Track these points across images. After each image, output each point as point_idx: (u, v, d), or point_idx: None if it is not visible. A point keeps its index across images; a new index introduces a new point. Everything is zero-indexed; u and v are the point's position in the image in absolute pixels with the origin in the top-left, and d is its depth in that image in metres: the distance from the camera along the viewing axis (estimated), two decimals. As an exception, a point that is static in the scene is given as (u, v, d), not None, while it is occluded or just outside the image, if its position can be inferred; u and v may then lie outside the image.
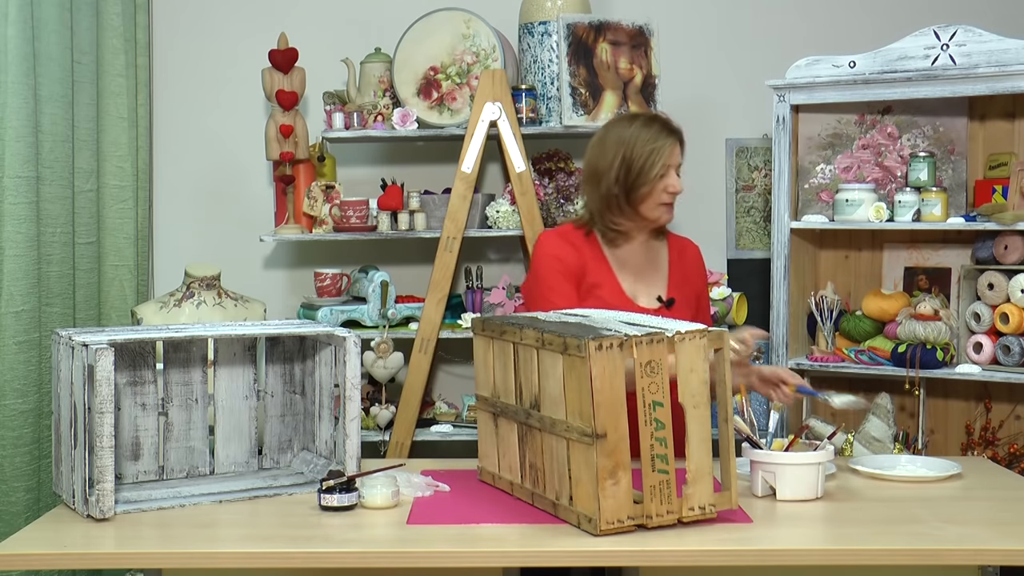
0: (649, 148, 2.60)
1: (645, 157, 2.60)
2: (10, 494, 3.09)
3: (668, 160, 2.61)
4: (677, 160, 2.64)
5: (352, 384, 2.39)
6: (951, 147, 3.57)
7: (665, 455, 2.04)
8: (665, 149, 2.60)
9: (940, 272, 3.59)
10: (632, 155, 2.61)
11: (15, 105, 3.07)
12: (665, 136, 2.62)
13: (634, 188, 2.61)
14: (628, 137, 2.63)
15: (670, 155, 2.61)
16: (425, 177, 4.02)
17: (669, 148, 2.61)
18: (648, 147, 2.60)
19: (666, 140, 2.62)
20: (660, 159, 2.59)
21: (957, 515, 2.20)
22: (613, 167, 2.62)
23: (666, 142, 2.61)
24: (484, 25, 3.69)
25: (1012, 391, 3.47)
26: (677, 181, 2.63)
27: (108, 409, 2.14)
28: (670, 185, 2.62)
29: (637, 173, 2.60)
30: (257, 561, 2.03)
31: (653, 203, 2.63)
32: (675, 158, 2.63)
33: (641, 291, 2.68)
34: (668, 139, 2.62)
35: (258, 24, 4.04)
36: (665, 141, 2.61)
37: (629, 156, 2.61)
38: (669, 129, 2.64)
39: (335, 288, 3.75)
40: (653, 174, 2.60)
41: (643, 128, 2.64)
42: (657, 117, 2.69)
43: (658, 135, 2.62)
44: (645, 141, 2.61)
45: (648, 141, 2.61)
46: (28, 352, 3.13)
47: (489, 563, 2.03)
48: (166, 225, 4.11)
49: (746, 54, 4.06)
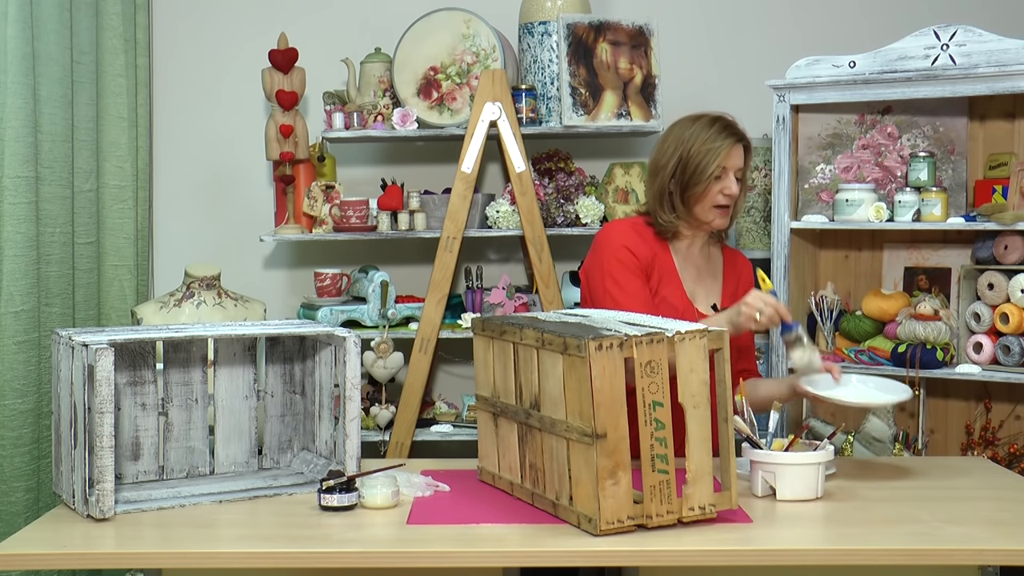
0: (707, 148, 2.58)
1: (702, 156, 2.58)
2: (10, 494, 3.09)
3: (725, 162, 2.58)
4: (736, 163, 2.61)
5: (352, 384, 2.39)
6: (951, 147, 3.57)
7: (665, 455, 2.04)
8: (723, 150, 2.58)
9: (940, 272, 3.59)
10: (689, 153, 2.59)
11: (15, 105, 3.07)
12: (724, 137, 2.59)
13: (689, 187, 2.59)
14: (688, 135, 2.61)
15: (727, 157, 2.58)
16: (425, 177, 4.02)
17: (727, 149, 2.58)
18: (706, 146, 2.58)
19: (724, 141, 2.59)
20: (716, 159, 2.57)
21: (957, 515, 2.20)
22: (670, 164, 2.61)
23: (724, 143, 2.58)
24: (484, 25, 3.69)
25: (1012, 391, 3.47)
26: (734, 184, 2.60)
27: (108, 409, 2.14)
28: (726, 187, 2.59)
29: (693, 171, 2.58)
30: (257, 561, 2.03)
31: (707, 204, 2.61)
32: (733, 161, 2.60)
33: (700, 294, 2.68)
34: (727, 140, 2.59)
35: (258, 24, 4.04)
36: (724, 142, 2.59)
37: (686, 154, 2.59)
38: (731, 131, 2.61)
39: (335, 288, 3.75)
40: (708, 174, 2.57)
41: (705, 127, 2.61)
42: (721, 118, 2.65)
43: (718, 135, 2.59)
44: (704, 140, 2.59)
45: (707, 141, 2.59)
46: (28, 352, 3.13)
47: (489, 563, 2.03)
48: (166, 225, 4.11)
49: (746, 54, 4.06)
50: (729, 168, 2.60)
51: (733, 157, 2.60)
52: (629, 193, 3.77)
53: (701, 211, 2.62)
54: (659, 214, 2.65)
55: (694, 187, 2.59)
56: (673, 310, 2.59)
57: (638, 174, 3.76)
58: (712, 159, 2.57)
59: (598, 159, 4.01)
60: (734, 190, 2.60)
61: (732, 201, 2.62)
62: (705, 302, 2.69)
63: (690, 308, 2.63)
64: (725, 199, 2.60)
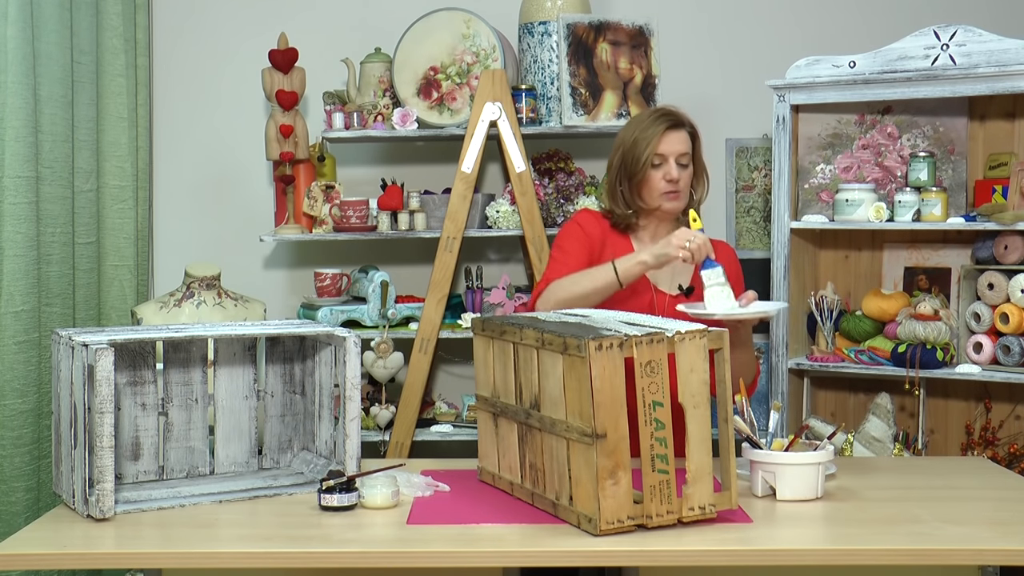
0: (641, 137, 2.64)
1: (637, 145, 2.64)
2: (10, 494, 3.09)
3: (659, 148, 2.63)
4: (675, 148, 2.64)
5: (352, 384, 2.39)
6: (951, 147, 3.57)
7: (665, 455, 2.04)
8: (655, 136, 2.62)
9: (940, 272, 3.59)
10: (627, 145, 2.66)
11: (15, 105, 3.07)
12: (658, 124, 2.64)
13: (632, 177, 2.66)
14: (627, 130, 2.70)
15: (660, 143, 2.62)
16: (425, 177, 4.02)
17: (659, 136, 2.62)
18: (641, 136, 2.64)
19: (658, 128, 2.63)
20: (649, 146, 2.62)
21: (957, 515, 2.20)
22: (615, 160, 2.70)
23: (657, 130, 2.63)
24: (484, 25, 3.69)
25: (1012, 391, 3.47)
26: (674, 169, 2.63)
27: (108, 409, 2.14)
28: (666, 173, 2.63)
29: (632, 162, 2.65)
30: (257, 561, 2.03)
31: (654, 192, 2.65)
32: (670, 146, 2.64)
33: (663, 278, 2.69)
34: (660, 126, 2.64)
35: (258, 24, 4.04)
36: (657, 129, 2.63)
37: (625, 147, 2.67)
38: (666, 118, 2.65)
39: (335, 288, 3.75)
40: (643, 161, 2.62)
41: (641, 119, 2.69)
42: (661, 108, 2.71)
43: (651, 124, 2.65)
44: (639, 130, 2.65)
45: (642, 130, 2.65)
46: (28, 352, 3.13)
47: (489, 563, 2.03)
48: (166, 225, 4.11)
49: (746, 54, 4.06)
50: (667, 154, 2.63)
51: (669, 143, 2.64)
52: (629, 193, 3.77)
53: (650, 198, 2.66)
54: (614, 209, 2.72)
55: (635, 176, 2.65)
56: (631, 290, 2.61)
57: (638, 174, 3.76)
58: (645, 147, 2.62)
59: (598, 159, 4.01)
60: (674, 175, 2.63)
61: (676, 186, 2.64)
62: (670, 283, 2.69)
63: (649, 289, 2.67)
64: (668, 185, 2.64)
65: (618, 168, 2.69)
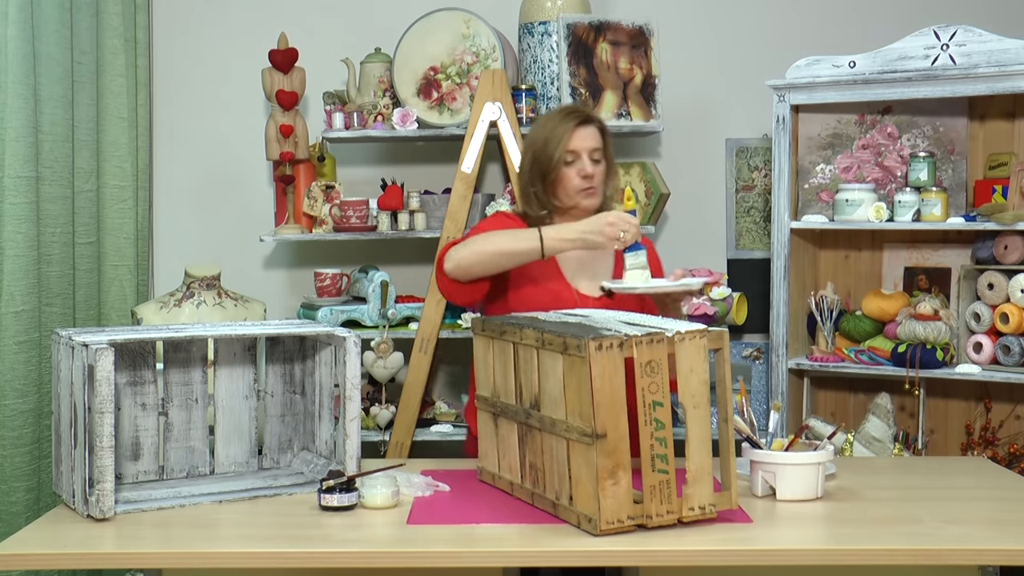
0: (551, 136, 2.60)
1: (548, 145, 2.60)
2: (10, 494, 3.09)
3: (570, 144, 2.59)
4: (586, 144, 2.61)
5: (352, 384, 2.39)
6: (951, 147, 3.57)
7: (665, 455, 2.04)
8: (566, 134, 2.59)
9: (940, 272, 3.59)
10: (538, 146, 2.63)
11: (15, 105, 3.07)
12: (567, 122, 2.61)
13: (545, 177, 2.62)
14: (535, 131, 2.67)
15: (571, 139, 2.59)
16: (425, 177, 4.02)
17: (570, 133, 2.59)
18: (550, 135, 2.60)
19: (567, 125, 2.60)
20: (560, 144, 2.59)
21: (957, 515, 2.20)
22: (526, 162, 2.66)
23: (567, 127, 2.60)
24: (484, 25, 3.69)
25: (1012, 391, 3.47)
26: (588, 164, 2.60)
27: (108, 409, 2.14)
28: (580, 170, 2.60)
29: (544, 162, 2.61)
30: (257, 561, 2.03)
31: (570, 190, 2.62)
32: (581, 142, 2.60)
33: (584, 278, 2.66)
34: (569, 124, 2.60)
35: (258, 24, 4.04)
36: (566, 126, 2.60)
37: (536, 148, 2.63)
38: (573, 115, 2.63)
39: (335, 288, 3.75)
40: (556, 159, 2.59)
41: (548, 120, 2.65)
42: (566, 107, 2.69)
43: (560, 123, 2.62)
44: (548, 130, 2.62)
45: (551, 130, 2.61)
46: (28, 352, 3.13)
47: (489, 563, 2.03)
48: (166, 225, 4.11)
49: (746, 54, 4.06)
50: (580, 150, 2.60)
51: (580, 139, 2.60)
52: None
53: (565, 196, 2.63)
54: (528, 212, 2.67)
55: (549, 176, 2.61)
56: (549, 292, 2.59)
57: (638, 174, 3.76)
58: (557, 145, 2.59)
59: (598, 159, 4.00)
60: (589, 170, 2.60)
61: (592, 182, 2.62)
62: (591, 285, 2.65)
63: (568, 289, 2.63)
64: (584, 181, 2.61)
65: (530, 169, 2.65)
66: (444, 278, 2.55)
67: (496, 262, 2.50)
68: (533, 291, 2.60)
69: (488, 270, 2.51)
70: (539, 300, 2.57)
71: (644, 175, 3.75)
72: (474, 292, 2.56)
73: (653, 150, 4.09)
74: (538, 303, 2.56)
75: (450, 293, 2.58)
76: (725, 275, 3.70)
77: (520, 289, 2.62)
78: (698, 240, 4.07)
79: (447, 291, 2.58)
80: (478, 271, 2.50)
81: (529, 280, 2.62)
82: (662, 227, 4.04)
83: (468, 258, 2.49)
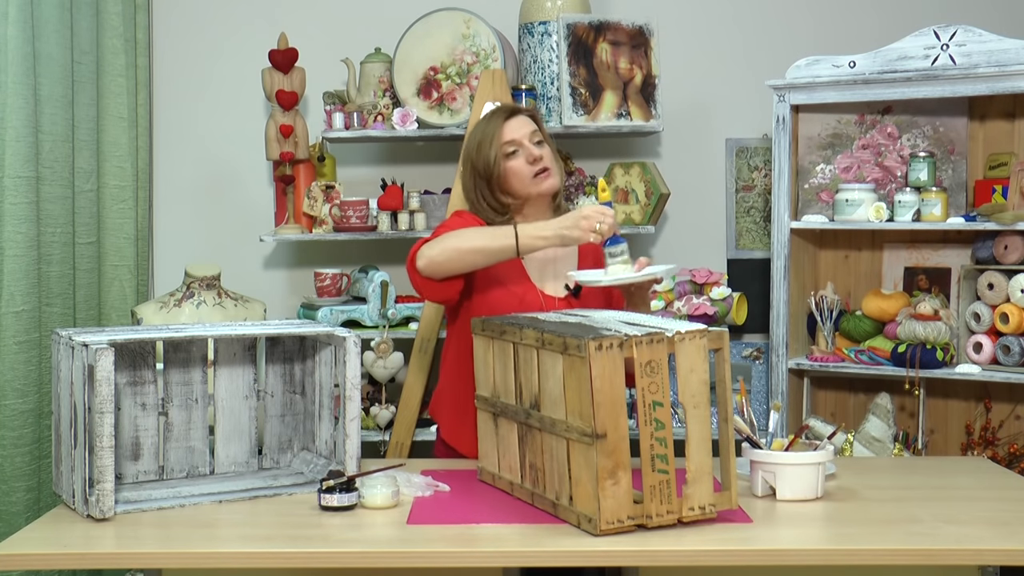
0: (484, 138, 2.58)
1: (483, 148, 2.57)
2: (10, 494, 3.09)
3: (504, 137, 2.57)
4: (521, 132, 2.58)
5: (352, 384, 2.39)
6: (951, 147, 3.57)
7: (665, 455, 2.04)
8: (496, 131, 2.57)
9: (940, 272, 3.60)
10: (472, 152, 2.60)
11: (15, 105, 3.07)
12: (495, 119, 2.59)
13: (492, 179, 2.58)
14: (467, 142, 2.65)
15: (504, 132, 2.57)
16: (425, 177, 4.02)
17: (500, 128, 2.57)
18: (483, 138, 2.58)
19: (496, 122, 2.58)
20: (495, 140, 2.56)
21: (957, 515, 2.20)
22: (467, 172, 2.63)
23: (496, 124, 2.58)
24: (484, 25, 3.69)
25: (1012, 391, 3.47)
26: (534, 148, 2.57)
27: (108, 409, 2.14)
28: (528, 156, 2.56)
29: (484, 165, 2.57)
30: (257, 561, 2.03)
31: (524, 179, 2.57)
32: (515, 132, 2.57)
33: (549, 278, 2.63)
34: (497, 120, 2.58)
35: (258, 24, 4.04)
36: (495, 123, 2.58)
37: (472, 155, 2.60)
38: (498, 112, 2.61)
39: (335, 288, 3.75)
40: (494, 157, 2.55)
41: (477, 127, 2.63)
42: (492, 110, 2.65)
43: (487, 123, 2.60)
44: (479, 135, 2.60)
45: (482, 134, 2.59)
46: (28, 352, 3.13)
47: (489, 563, 2.03)
48: (166, 225, 4.11)
49: (746, 54, 4.07)
50: (517, 138, 2.57)
51: (512, 129, 2.57)
52: (629, 193, 3.77)
53: (521, 187, 2.58)
54: (486, 215, 2.62)
55: (493, 175, 2.57)
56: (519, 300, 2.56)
57: (638, 174, 3.76)
58: (491, 143, 2.56)
59: (598, 159, 4.01)
60: (535, 152, 2.56)
61: (543, 163, 2.57)
62: (556, 285, 2.63)
63: (533, 290, 2.59)
64: (534, 165, 2.57)
65: (472, 180, 2.61)
66: (416, 275, 2.50)
67: (469, 259, 2.45)
68: (498, 293, 2.57)
69: (461, 268, 2.46)
70: (505, 302, 2.54)
71: (644, 175, 3.75)
72: (447, 289, 2.51)
73: (653, 150, 4.09)
74: (504, 305, 2.53)
75: (422, 290, 2.53)
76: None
77: (486, 292, 2.57)
78: (698, 240, 4.07)
79: (420, 288, 2.53)
80: (450, 268, 2.46)
81: (494, 282, 2.58)
82: (662, 227, 4.04)
83: (441, 255, 2.44)
